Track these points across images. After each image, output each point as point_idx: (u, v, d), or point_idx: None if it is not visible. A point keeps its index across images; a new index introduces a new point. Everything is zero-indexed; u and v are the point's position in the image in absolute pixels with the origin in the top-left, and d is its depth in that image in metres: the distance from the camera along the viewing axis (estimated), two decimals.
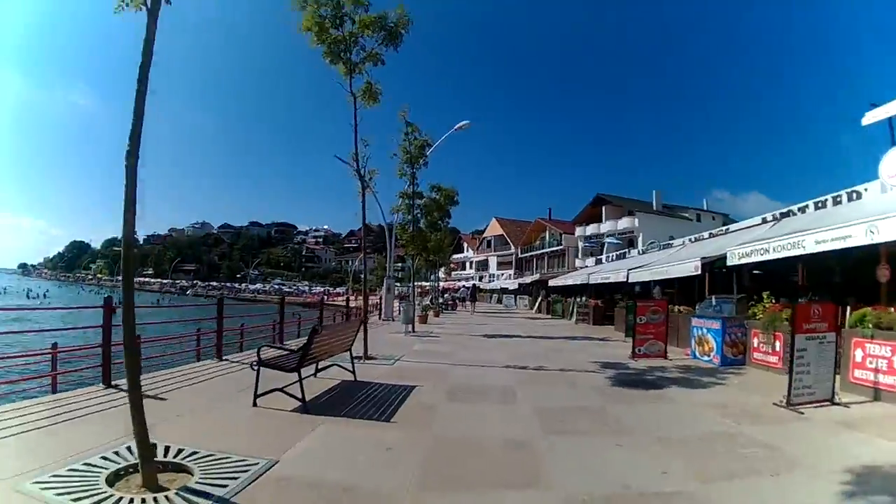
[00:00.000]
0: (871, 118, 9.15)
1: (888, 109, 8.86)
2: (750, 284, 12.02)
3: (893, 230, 6.48)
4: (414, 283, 22.25)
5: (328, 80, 9.95)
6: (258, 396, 5.90)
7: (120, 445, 4.15)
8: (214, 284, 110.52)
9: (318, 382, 7.25)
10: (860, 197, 10.13)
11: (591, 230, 47.60)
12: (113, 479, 3.61)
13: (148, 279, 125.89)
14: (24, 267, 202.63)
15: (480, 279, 67.35)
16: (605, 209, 46.93)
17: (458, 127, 20.93)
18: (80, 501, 3.24)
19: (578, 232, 49.31)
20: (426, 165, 16.87)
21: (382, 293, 24.21)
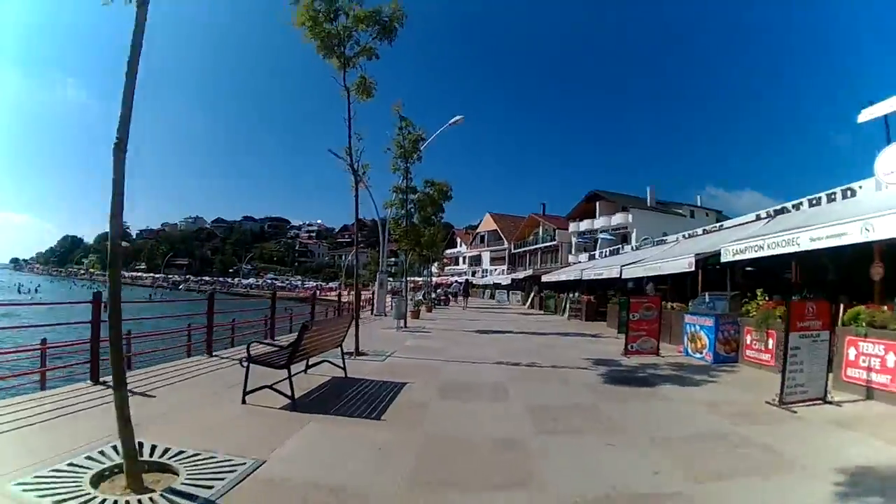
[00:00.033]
0: (867, 115, 9.13)
1: (884, 107, 8.84)
2: (743, 281, 12.04)
3: (889, 228, 6.46)
4: (407, 278, 22.23)
5: (323, 74, 9.93)
6: (247, 393, 5.84)
7: (106, 445, 4.08)
8: (207, 279, 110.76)
9: (308, 379, 7.20)
10: (855, 194, 10.11)
11: (584, 226, 47.71)
12: (97, 480, 3.54)
13: (140, 274, 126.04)
14: (15, 262, 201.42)
15: (473, 274, 67.21)
16: (598, 205, 47.06)
17: (452, 122, 20.88)
18: None
19: (572, 227, 49.42)
20: (420, 160, 16.87)
21: (375, 288, 24.18)
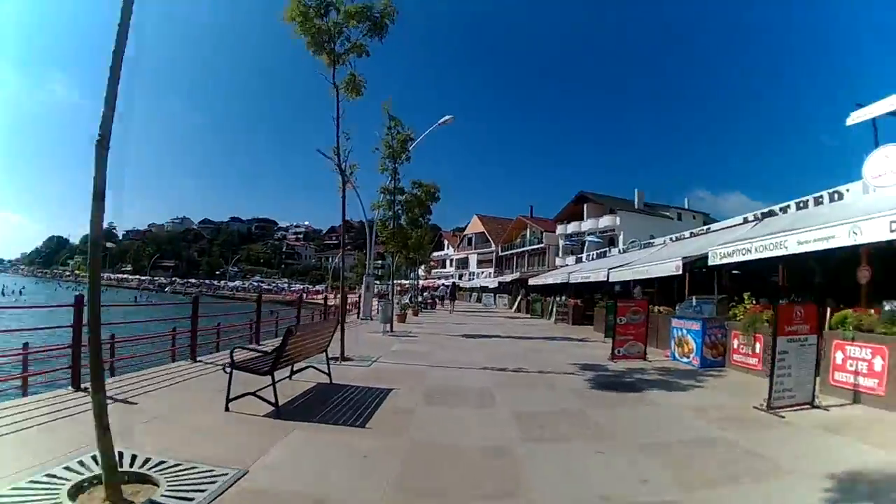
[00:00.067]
0: (855, 118, 9.17)
1: (872, 110, 8.88)
2: (730, 284, 12.07)
3: (877, 231, 6.49)
4: (393, 280, 22.13)
5: (312, 73, 9.77)
6: (230, 401, 5.72)
7: (85, 454, 3.94)
8: (193, 281, 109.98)
9: (293, 385, 7.06)
10: (842, 197, 10.15)
11: (572, 228, 47.77)
12: (75, 492, 3.42)
13: (126, 276, 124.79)
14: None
15: (460, 277, 67.19)
16: (586, 207, 47.16)
17: (441, 122, 20.71)
18: None
19: (559, 230, 49.43)
20: (409, 160, 16.61)
21: (362, 291, 24.00)
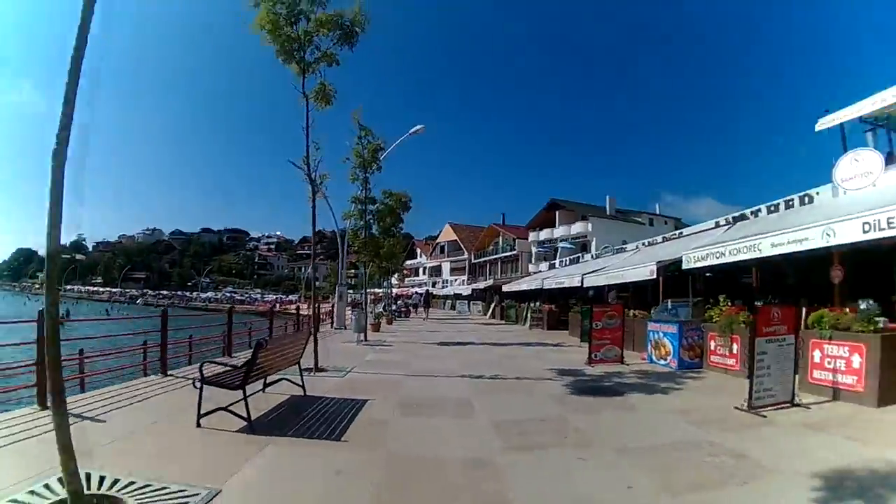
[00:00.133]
0: (823, 124, 9.37)
1: (839, 116, 9.08)
2: (704, 287, 12.14)
3: (850, 232, 6.60)
4: (367, 290, 21.89)
5: (282, 82, 9.57)
6: (202, 416, 5.48)
7: (51, 477, 3.72)
8: (165, 293, 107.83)
9: (266, 398, 6.80)
10: (812, 201, 10.40)
11: (544, 235, 47.98)
12: None
13: (97, 288, 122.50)
14: None
15: (434, 285, 67.02)
16: (558, 214, 47.39)
17: (412, 131, 20.63)
18: None
19: (532, 237, 49.64)
20: (380, 170, 16.48)
21: (335, 301, 23.72)
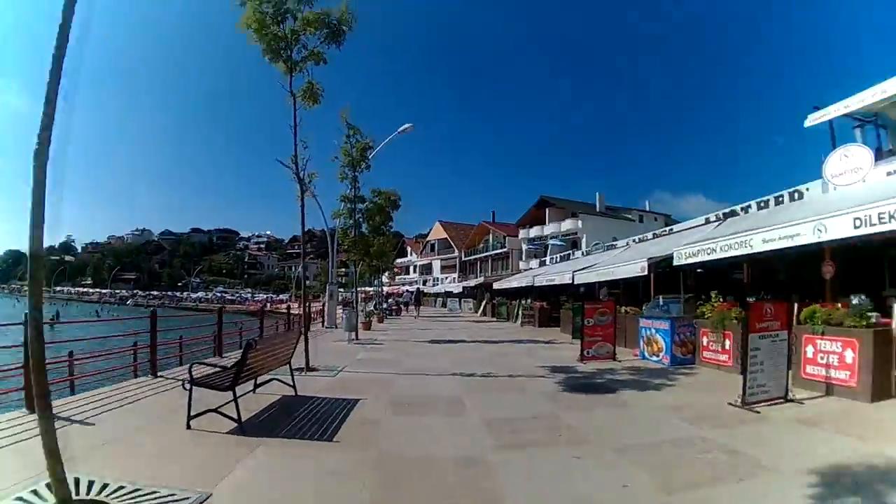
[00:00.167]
0: (813, 120, 9.39)
1: (828, 112, 9.10)
2: (694, 283, 12.16)
3: (841, 228, 6.62)
4: (357, 288, 21.78)
5: (270, 81, 9.47)
6: (192, 418, 5.40)
7: (41, 482, 3.63)
8: (155, 293, 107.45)
9: (257, 399, 6.72)
10: (802, 196, 10.41)
11: (534, 232, 47.95)
12: None
13: (87, 289, 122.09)
14: None
15: (424, 283, 66.88)
16: (548, 211, 47.40)
17: (401, 130, 20.51)
18: None
19: (522, 234, 49.61)
20: (368, 169, 16.35)
21: (325, 300, 23.60)
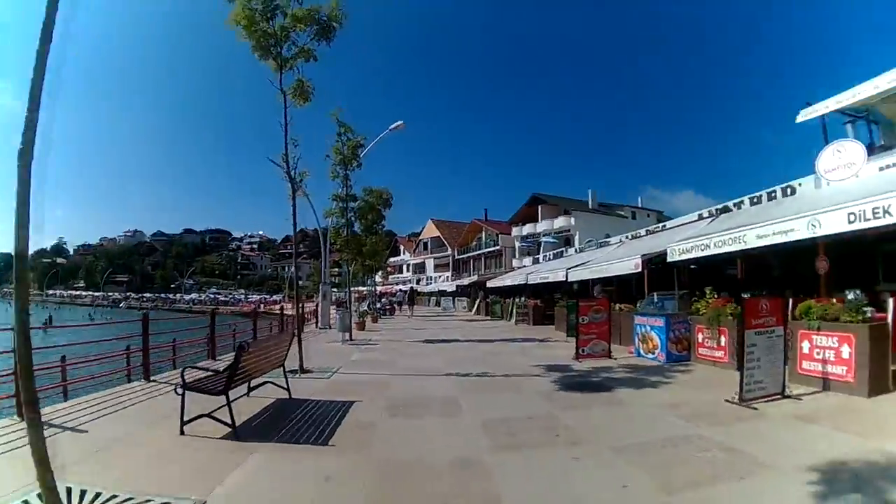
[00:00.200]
0: (805, 116, 9.40)
1: (820, 108, 9.12)
2: (688, 280, 12.16)
3: (836, 223, 6.61)
4: (350, 288, 21.69)
5: (261, 79, 9.37)
6: (185, 423, 5.33)
7: (32, 492, 3.54)
8: (148, 296, 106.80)
9: (250, 403, 6.66)
10: (795, 192, 10.41)
11: (527, 230, 47.93)
12: None
13: (80, 292, 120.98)
14: None
15: (418, 282, 66.75)
16: (541, 209, 47.41)
17: (392, 128, 20.39)
18: None
19: (515, 232, 49.55)
20: (360, 167, 16.27)
21: (319, 300, 23.49)
